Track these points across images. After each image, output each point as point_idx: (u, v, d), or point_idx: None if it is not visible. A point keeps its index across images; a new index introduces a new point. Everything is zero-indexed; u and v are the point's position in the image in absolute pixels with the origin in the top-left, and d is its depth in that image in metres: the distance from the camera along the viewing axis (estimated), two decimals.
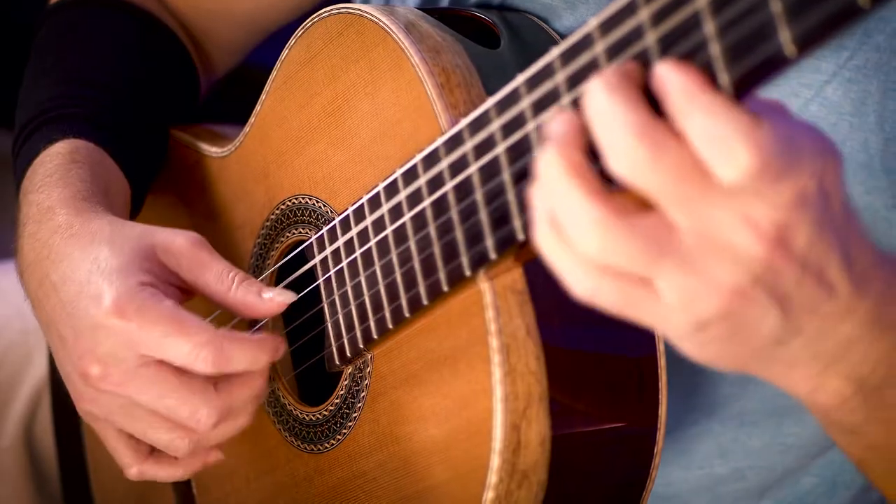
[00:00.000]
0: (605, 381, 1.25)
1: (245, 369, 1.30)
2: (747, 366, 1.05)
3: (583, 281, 0.98)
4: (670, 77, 0.93)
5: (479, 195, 1.15)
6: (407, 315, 1.24)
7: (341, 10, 1.34)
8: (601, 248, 0.96)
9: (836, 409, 1.11)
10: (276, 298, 1.33)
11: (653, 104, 0.95)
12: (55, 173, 1.42)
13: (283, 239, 1.43)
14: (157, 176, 1.60)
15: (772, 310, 0.98)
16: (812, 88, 1.30)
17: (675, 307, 0.97)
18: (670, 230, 0.95)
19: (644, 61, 0.96)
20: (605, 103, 0.95)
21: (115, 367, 1.30)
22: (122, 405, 1.33)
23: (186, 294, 1.36)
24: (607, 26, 0.99)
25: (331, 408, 1.37)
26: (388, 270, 1.26)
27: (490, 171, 1.13)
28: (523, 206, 1.11)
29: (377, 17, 1.30)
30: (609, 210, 0.95)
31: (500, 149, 1.12)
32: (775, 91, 1.31)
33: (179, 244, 1.34)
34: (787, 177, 0.92)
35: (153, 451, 1.39)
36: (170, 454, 1.37)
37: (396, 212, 1.24)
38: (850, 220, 0.99)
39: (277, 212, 1.43)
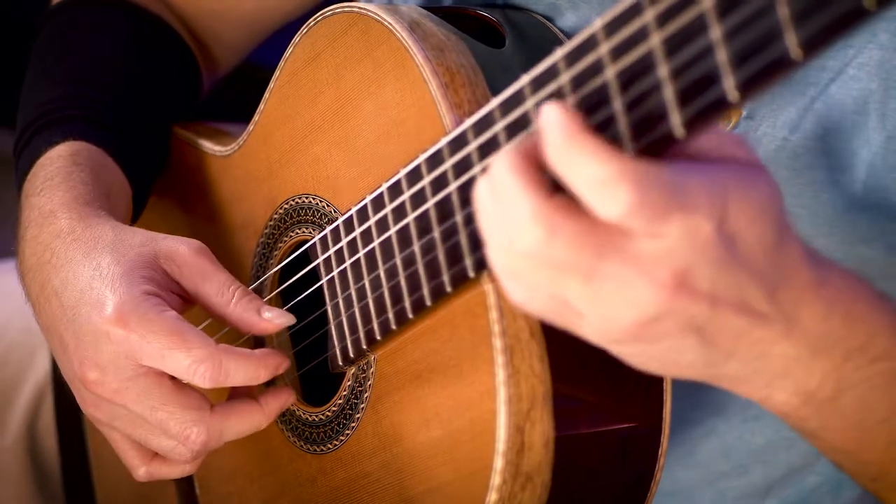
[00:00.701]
0: (609, 381, 1.25)
1: (244, 383, 1.31)
2: (687, 377, 1.10)
3: (511, 285, 1.04)
4: (548, 121, 0.98)
5: None
6: (410, 317, 1.24)
7: (345, 9, 1.34)
8: (535, 243, 1.00)
9: (789, 417, 1.16)
10: (275, 321, 1.33)
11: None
12: (56, 176, 1.42)
13: (286, 239, 1.42)
14: (159, 176, 1.60)
15: (688, 339, 1.03)
16: (818, 87, 1.30)
17: (592, 331, 1.04)
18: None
19: (647, 67, 0.97)
20: (506, 182, 1.00)
21: (113, 374, 1.30)
22: (121, 413, 1.33)
23: (188, 302, 1.36)
24: (612, 27, 0.98)
25: (334, 408, 1.36)
26: (391, 271, 1.25)
27: None
28: None
29: (381, 16, 1.29)
30: (544, 204, 0.99)
31: (504, 149, 1.11)
32: (781, 89, 1.31)
33: (182, 253, 1.34)
34: (672, 216, 0.96)
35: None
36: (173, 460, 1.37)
37: (400, 213, 1.23)
38: (775, 253, 1.02)
39: (281, 211, 1.43)
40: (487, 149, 1.13)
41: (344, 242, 1.31)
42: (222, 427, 1.32)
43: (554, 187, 1.00)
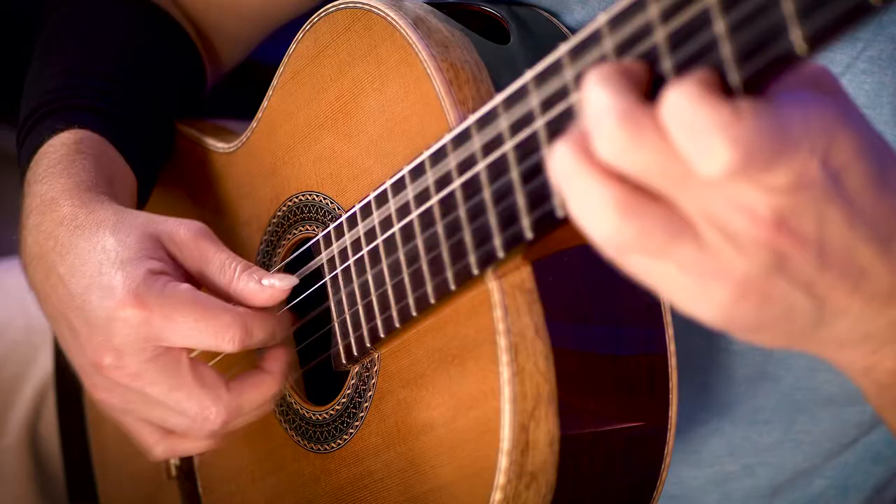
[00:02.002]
0: (614, 380, 1.24)
1: (265, 343, 1.31)
2: (792, 345, 1.02)
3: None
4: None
5: (486, 193, 1.14)
6: (414, 314, 1.23)
7: (349, 5, 1.33)
8: (615, 228, 0.93)
9: (888, 388, 1.07)
10: (277, 284, 1.32)
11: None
12: (59, 163, 1.42)
13: (289, 236, 1.42)
14: (162, 168, 1.60)
15: (797, 294, 0.95)
16: None
17: (694, 292, 0.95)
18: (680, 214, 0.94)
19: (652, 60, 0.95)
20: (594, 90, 0.93)
21: (131, 357, 1.30)
22: (137, 396, 1.32)
23: (193, 283, 1.35)
24: (616, 22, 0.98)
25: (337, 407, 1.36)
26: (395, 268, 1.25)
27: (498, 168, 1.12)
28: (532, 205, 1.10)
29: (385, 12, 1.29)
30: (621, 191, 0.93)
31: (508, 146, 1.11)
32: None
33: (182, 234, 1.34)
34: (778, 163, 0.90)
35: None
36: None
37: (404, 209, 1.23)
38: (882, 195, 0.95)
39: (284, 208, 1.42)
40: (491, 145, 1.12)
41: (347, 240, 1.30)
42: (239, 401, 1.32)
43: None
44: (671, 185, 0.92)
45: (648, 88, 0.95)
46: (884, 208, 0.95)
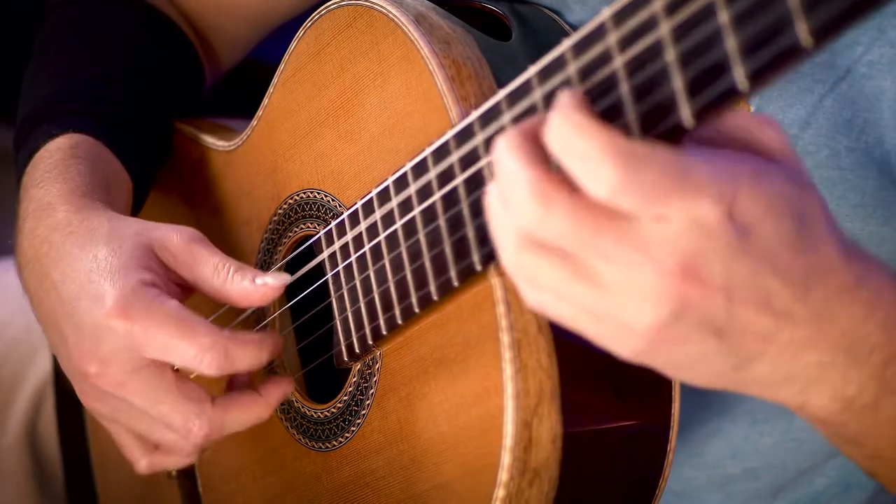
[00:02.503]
0: (617, 377, 1.24)
1: (248, 369, 1.30)
2: (718, 386, 1.04)
3: (510, 250, 1.01)
4: (556, 102, 0.97)
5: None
6: (417, 311, 1.23)
7: (350, 2, 1.33)
8: (534, 217, 0.98)
9: (826, 424, 1.11)
10: (270, 282, 1.31)
11: None
12: (55, 168, 1.42)
13: (291, 234, 1.41)
14: (160, 169, 1.59)
15: (709, 340, 0.98)
16: (826, 84, 1.29)
17: (608, 336, 1.00)
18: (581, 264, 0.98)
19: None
20: (506, 162, 0.99)
21: (115, 367, 1.30)
22: (122, 406, 1.32)
23: (187, 291, 1.35)
24: (621, 16, 0.98)
25: (339, 405, 1.35)
26: (397, 266, 1.24)
27: None
28: None
29: (386, 9, 1.29)
30: (546, 180, 0.97)
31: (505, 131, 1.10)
32: (790, 87, 1.30)
33: (175, 241, 1.33)
34: (671, 199, 0.93)
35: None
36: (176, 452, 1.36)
37: (406, 206, 1.22)
38: (800, 249, 0.97)
39: (285, 206, 1.42)
40: (494, 141, 1.12)
41: (349, 237, 1.30)
42: (224, 419, 1.32)
43: (557, 169, 0.98)
44: (581, 247, 0.97)
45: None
46: (800, 264, 0.98)
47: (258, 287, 1.31)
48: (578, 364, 1.21)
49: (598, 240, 0.96)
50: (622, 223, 0.95)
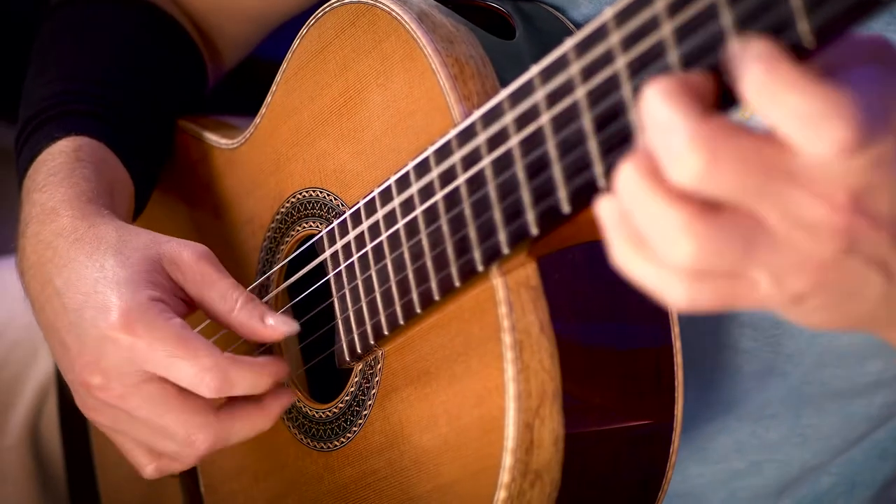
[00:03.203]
0: (620, 378, 1.23)
1: (247, 392, 1.29)
2: (865, 327, 1.01)
3: (678, 291, 0.94)
4: (748, 50, 0.89)
5: (491, 188, 1.13)
6: (418, 311, 1.23)
7: (353, 0, 1.32)
8: (693, 253, 0.91)
9: None
10: (279, 328, 1.31)
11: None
12: (59, 172, 1.41)
13: (293, 233, 1.41)
14: (163, 169, 1.59)
15: (871, 275, 0.94)
16: None
17: (770, 291, 0.93)
18: (755, 219, 0.92)
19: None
20: (658, 107, 0.91)
21: (118, 380, 1.29)
22: (124, 418, 1.32)
23: (192, 307, 1.35)
24: (623, 17, 0.97)
25: (341, 405, 1.35)
26: (399, 265, 1.24)
27: (503, 164, 1.11)
28: (536, 199, 1.09)
29: (389, 7, 1.28)
30: (694, 212, 0.91)
31: (513, 141, 1.10)
32: None
33: (185, 258, 1.33)
34: (871, 143, 0.88)
35: None
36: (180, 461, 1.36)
37: (408, 205, 1.22)
38: None
39: (287, 205, 1.41)
40: (496, 141, 1.12)
41: (351, 236, 1.29)
42: (227, 431, 1.31)
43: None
44: (748, 196, 0.91)
45: (716, 101, 0.93)
46: None
47: (265, 327, 1.31)
48: (581, 364, 1.21)
49: (771, 188, 0.90)
50: (791, 159, 0.90)
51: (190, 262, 1.33)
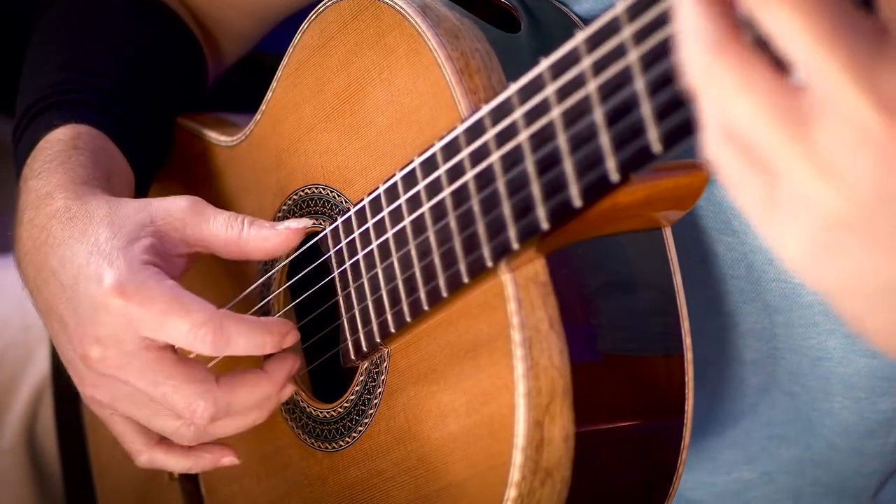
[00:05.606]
0: (630, 375, 1.23)
1: (247, 352, 1.27)
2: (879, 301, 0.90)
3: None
4: None
5: (500, 184, 1.12)
6: (426, 308, 1.21)
7: None
8: (746, 110, 0.84)
9: None
10: (292, 226, 1.30)
11: None
12: (55, 159, 1.40)
13: None
14: (162, 164, 1.57)
15: None
16: None
17: (799, 207, 0.85)
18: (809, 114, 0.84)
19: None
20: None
21: (115, 348, 1.28)
22: (124, 391, 1.30)
23: (192, 259, 1.34)
24: (636, 10, 0.96)
25: (346, 405, 1.33)
26: (405, 262, 1.23)
27: (513, 158, 1.11)
28: (547, 194, 1.08)
29: (393, 1, 1.27)
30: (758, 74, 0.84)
31: (523, 136, 1.09)
32: None
33: (179, 205, 1.33)
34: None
35: (162, 438, 1.36)
36: (177, 442, 1.34)
37: (415, 202, 1.21)
38: None
39: (290, 202, 1.40)
40: (505, 135, 1.11)
41: (357, 233, 1.28)
42: (230, 399, 1.29)
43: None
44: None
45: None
46: None
47: (279, 232, 1.30)
48: (591, 361, 1.20)
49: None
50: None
51: (185, 206, 1.33)
